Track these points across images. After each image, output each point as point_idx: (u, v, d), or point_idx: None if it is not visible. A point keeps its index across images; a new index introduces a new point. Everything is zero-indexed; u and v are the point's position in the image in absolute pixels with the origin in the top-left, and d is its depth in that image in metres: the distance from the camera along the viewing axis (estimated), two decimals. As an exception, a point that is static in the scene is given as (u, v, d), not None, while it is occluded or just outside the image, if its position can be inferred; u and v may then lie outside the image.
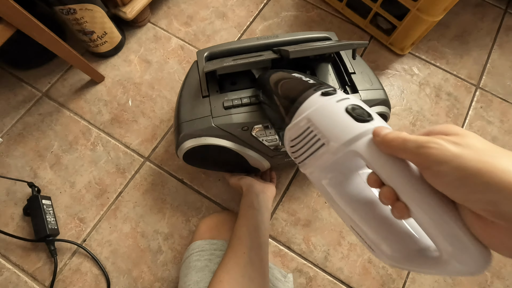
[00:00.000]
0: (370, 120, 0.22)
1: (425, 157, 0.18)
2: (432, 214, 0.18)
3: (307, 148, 0.25)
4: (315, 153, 0.24)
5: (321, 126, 0.24)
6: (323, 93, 0.27)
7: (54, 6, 0.57)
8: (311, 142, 0.25)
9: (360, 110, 0.23)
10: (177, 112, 0.46)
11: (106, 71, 0.72)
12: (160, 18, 0.78)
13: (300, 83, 0.32)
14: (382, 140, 0.20)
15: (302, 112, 0.27)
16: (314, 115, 0.25)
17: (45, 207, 0.58)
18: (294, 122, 0.27)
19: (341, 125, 0.23)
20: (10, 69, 0.71)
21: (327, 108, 0.25)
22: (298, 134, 0.26)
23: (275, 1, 0.82)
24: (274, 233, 0.61)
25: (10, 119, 0.66)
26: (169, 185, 0.63)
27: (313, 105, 0.26)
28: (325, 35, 0.51)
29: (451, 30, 0.81)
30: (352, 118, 0.23)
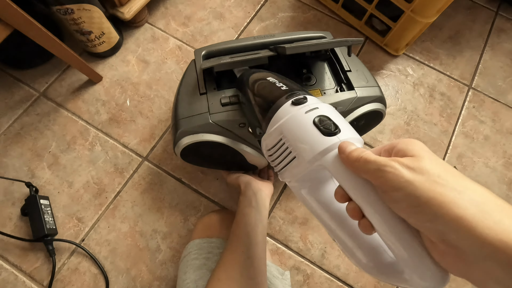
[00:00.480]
0: (337, 133, 0.23)
1: (383, 181, 0.18)
2: (394, 235, 0.19)
3: (281, 160, 0.25)
4: (288, 165, 0.25)
5: (292, 139, 0.24)
6: (293, 102, 0.27)
7: (52, 6, 0.57)
8: (285, 154, 0.25)
9: (327, 121, 0.23)
10: (175, 109, 0.46)
11: (104, 71, 0.72)
12: (158, 19, 0.78)
13: (273, 89, 0.31)
14: (346, 158, 0.21)
15: (275, 122, 0.27)
16: (285, 127, 0.25)
17: (43, 207, 0.58)
18: (269, 132, 0.27)
19: (309, 139, 0.23)
20: (7, 69, 0.70)
21: (296, 120, 0.25)
22: (273, 144, 0.26)
23: (272, 2, 0.83)
24: (271, 231, 0.62)
25: (7, 119, 0.66)
26: (168, 185, 0.64)
27: (285, 116, 0.26)
28: (321, 34, 0.52)
29: (444, 31, 0.83)
30: (319, 131, 0.23)
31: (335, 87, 0.49)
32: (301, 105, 0.26)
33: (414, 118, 0.73)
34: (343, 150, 0.21)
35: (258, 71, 0.39)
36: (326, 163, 0.22)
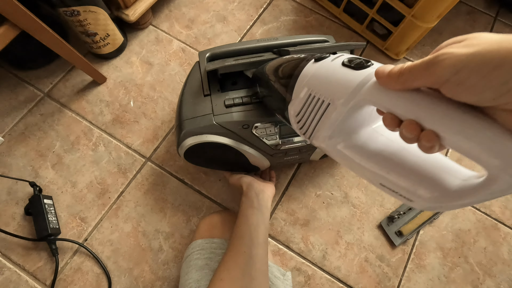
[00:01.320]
0: (370, 65, 0.22)
1: (440, 72, 0.16)
2: (466, 130, 0.16)
3: (314, 115, 0.24)
4: (323, 117, 0.23)
5: (322, 88, 0.23)
6: (316, 59, 0.26)
7: (58, 8, 0.58)
8: (316, 107, 0.24)
9: (357, 60, 0.23)
10: (179, 110, 0.47)
11: (108, 72, 0.73)
12: (162, 21, 0.79)
13: (292, 61, 0.31)
14: (388, 77, 0.19)
15: (300, 84, 0.26)
16: (313, 80, 0.25)
17: (46, 206, 0.58)
18: (296, 97, 0.27)
19: (342, 79, 0.22)
20: (12, 70, 0.71)
21: (323, 70, 0.24)
22: (302, 105, 0.26)
23: (275, 6, 0.84)
24: (273, 232, 0.63)
25: (11, 119, 0.67)
26: (170, 185, 0.64)
27: (309, 71, 0.26)
28: (323, 38, 0.53)
29: (444, 36, 0.84)
30: (351, 69, 0.22)
31: None
32: (324, 59, 0.25)
33: (414, 121, 0.74)
34: (382, 72, 0.19)
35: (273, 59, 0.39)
36: (366, 94, 0.20)
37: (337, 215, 0.64)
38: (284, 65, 0.33)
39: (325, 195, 0.66)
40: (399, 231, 0.62)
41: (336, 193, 0.66)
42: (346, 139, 0.23)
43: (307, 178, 0.67)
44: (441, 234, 0.64)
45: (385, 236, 0.63)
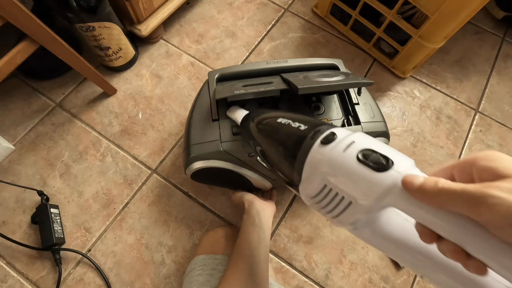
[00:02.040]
0: (391, 165, 0.19)
1: (491, 217, 0.15)
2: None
3: (332, 207, 0.22)
4: (344, 212, 0.21)
5: (340, 185, 0.21)
6: (322, 141, 0.24)
7: (74, 23, 0.60)
8: (335, 201, 0.22)
9: (374, 155, 0.20)
10: (187, 134, 0.48)
11: (119, 84, 0.74)
12: (173, 35, 0.81)
13: (291, 132, 0.28)
14: (420, 193, 0.17)
15: (310, 168, 0.24)
16: (326, 172, 0.22)
17: (52, 215, 0.59)
18: (307, 180, 0.24)
19: (362, 181, 0.20)
20: (27, 79, 0.73)
21: (336, 162, 0.22)
22: (317, 192, 0.23)
23: (283, 23, 0.85)
24: (276, 249, 0.62)
25: (23, 128, 0.69)
26: (175, 198, 0.65)
27: (320, 159, 0.23)
28: (332, 62, 0.54)
29: (451, 55, 0.84)
30: (370, 169, 0.20)
31: (342, 117, 0.50)
32: (332, 142, 0.23)
33: (420, 140, 0.74)
34: (411, 185, 0.18)
35: (262, 116, 0.36)
36: (395, 203, 0.19)
37: (341, 233, 0.64)
38: (280, 135, 0.30)
39: (329, 213, 0.65)
40: (404, 252, 0.61)
41: (341, 211, 0.65)
42: (372, 227, 0.21)
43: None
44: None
45: (390, 256, 0.62)
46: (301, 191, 0.25)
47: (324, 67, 0.55)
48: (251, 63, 0.54)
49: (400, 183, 0.18)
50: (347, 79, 0.45)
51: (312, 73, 0.52)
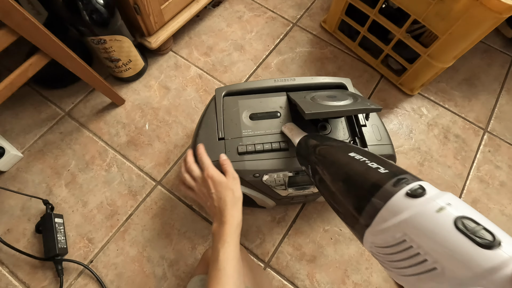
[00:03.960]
0: (497, 243, 0.17)
1: None
2: None
3: (406, 266, 0.20)
4: (421, 276, 0.19)
5: (427, 246, 0.19)
6: (408, 194, 0.21)
7: (87, 36, 0.61)
8: (413, 260, 0.19)
9: (477, 227, 0.18)
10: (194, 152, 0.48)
11: (127, 95, 0.75)
12: (182, 48, 0.82)
13: (368, 172, 0.25)
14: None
15: (388, 216, 0.21)
16: (411, 227, 0.20)
17: (57, 225, 0.59)
18: (379, 228, 0.22)
19: (459, 251, 0.17)
20: (38, 87, 0.75)
21: (427, 221, 0.19)
22: (389, 244, 0.21)
23: (291, 37, 0.86)
24: (278, 266, 0.61)
25: (32, 136, 0.70)
26: (178, 211, 0.65)
27: (402, 211, 0.21)
28: (340, 81, 0.54)
29: (460, 73, 0.84)
30: (472, 242, 0.17)
31: (349, 138, 0.50)
32: (421, 198, 0.21)
33: (428, 159, 0.73)
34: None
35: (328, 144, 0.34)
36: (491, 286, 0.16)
37: (345, 253, 0.63)
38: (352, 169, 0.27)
39: (333, 231, 0.64)
40: (409, 275, 0.60)
41: (345, 229, 0.64)
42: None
43: (315, 212, 0.66)
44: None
45: (395, 279, 0.61)
46: (366, 236, 0.23)
47: (332, 86, 0.55)
48: (258, 81, 0.54)
49: (509, 270, 0.16)
50: (355, 103, 0.45)
51: (320, 93, 0.52)
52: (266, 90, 0.54)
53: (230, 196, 0.41)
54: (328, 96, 0.50)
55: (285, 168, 0.47)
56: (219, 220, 0.40)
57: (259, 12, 0.89)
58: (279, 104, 0.53)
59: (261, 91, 0.54)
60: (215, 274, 0.37)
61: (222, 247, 0.38)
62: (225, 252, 0.38)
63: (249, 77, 0.80)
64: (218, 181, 0.41)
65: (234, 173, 0.43)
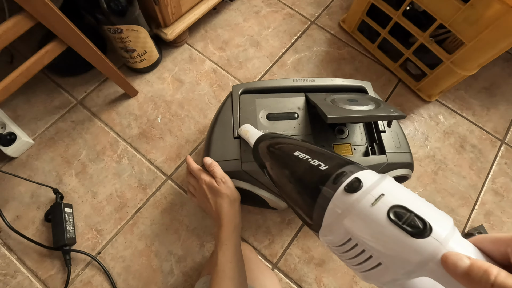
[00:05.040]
0: (428, 230, 0.17)
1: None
2: None
3: (359, 262, 0.20)
4: (372, 271, 0.20)
5: (368, 243, 0.19)
6: (346, 189, 0.21)
7: (103, 25, 0.60)
8: (361, 257, 0.20)
9: (408, 215, 0.18)
10: (208, 149, 0.47)
11: (140, 86, 0.74)
12: (197, 41, 0.81)
13: (310, 172, 0.26)
14: (465, 280, 0.15)
15: (332, 216, 0.22)
16: (351, 226, 0.20)
17: (66, 215, 0.59)
18: (328, 229, 0.22)
19: (394, 245, 0.18)
20: (51, 75, 0.74)
21: (364, 219, 0.20)
22: (339, 243, 0.21)
23: (308, 36, 0.84)
24: (286, 268, 0.61)
25: (44, 123, 0.69)
26: (188, 207, 0.64)
27: (343, 210, 0.21)
28: (361, 85, 0.52)
29: (480, 82, 0.82)
30: (404, 232, 0.18)
31: (366, 144, 0.49)
32: (358, 192, 0.21)
33: (442, 167, 0.72)
34: (454, 267, 0.15)
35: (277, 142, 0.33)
36: (432, 276, 0.17)
37: (354, 259, 0.62)
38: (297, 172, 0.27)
39: (343, 236, 0.64)
40: (418, 284, 0.59)
41: (355, 235, 0.64)
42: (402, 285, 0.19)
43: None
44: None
45: (403, 287, 0.60)
46: (321, 237, 0.23)
47: (352, 89, 0.54)
48: (276, 80, 0.53)
49: (439, 257, 0.16)
50: (378, 109, 0.44)
51: (340, 95, 0.50)
52: (284, 90, 0.52)
53: (225, 200, 0.42)
54: (349, 99, 0.48)
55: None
56: (218, 224, 0.42)
57: (277, 8, 0.87)
58: (297, 105, 0.51)
59: (279, 90, 0.53)
60: (216, 277, 0.38)
61: (221, 250, 0.39)
62: (224, 255, 0.39)
63: (264, 74, 0.79)
64: (211, 188, 0.42)
65: (223, 175, 0.43)
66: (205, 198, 0.43)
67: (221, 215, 0.41)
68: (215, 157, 0.45)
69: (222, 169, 0.44)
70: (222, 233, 0.40)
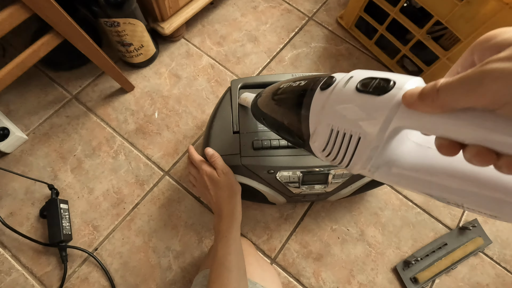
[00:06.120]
0: (392, 85, 0.18)
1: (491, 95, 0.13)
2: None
3: (345, 150, 0.21)
4: (357, 151, 0.20)
5: (344, 122, 0.20)
6: (322, 87, 0.23)
7: (99, 18, 0.59)
8: (345, 142, 0.21)
9: (373, 81, 0.19)
10: (206, 143, 0.47)
11: (137, 81, 0.73)
12: (194, 35, 0.80)
13: (293, 91, 0.28)
14: (421, 103, 0.15)
15: (314, 118, 0.23)
16: (328, 114, 0.21)
17: (62, 211, 0.58)
18: (315, 133, 0.23)
19: (364, 109, 0.19)
20: (45, 69, 0.72)
21: (337, 100, 0.21)
22: (326, 142, 0.22)
23: (306, 31, 0.84)
24: (284, 263, 0.61)
25: (38, 118, 0.68)
26: (186, 202, 0.64)
27: (321, 104, 0.22)
28: None
29: (475, 79, 0.83)
30: (371, 95, 0.18)
31: None
32: (332, 85, 0.22)
33: (438, 163, 0.73)
34: (411, 98, 0.16)
35: (266, 90, 0.35)
36: (402, 123, 0.17)
37: (351, 253, 0.63)
38: (284, 99, 0.29)
39: (341, 230, 0.64)
40: (414, 277, 0.60)
41: (352, 229, 0.64)
42: (389, 164, 0.20)
43: (324, 211, 0.65)
44: (457, 286, 0.61)
45: (399, 281, 0.61)
46: (312, 147, 0.24)
47: None
48: (275, 75, 0.53)
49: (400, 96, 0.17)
50: None
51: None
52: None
53: (226, 192, 0.41)
54: None
55: (300, 166, 0.46)
56: (218, 216, 0.41)
57: (274, 3, 0.87)
58: (297, 99, 0.51)
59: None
60: (215, 269, 0.38)
61: (220, 242, 0.39)
62: (224, 247, 0.39)
63: (262, 70, 0.78)
64: (212, 179, 0.42)
65: (225, 167, 0.43)
66: (205, 189, 0.43)
67: (221, 207, 0.41)
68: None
69: None
70: (222, 225, 0.40)
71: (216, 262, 0.38)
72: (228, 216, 0.41)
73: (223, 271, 0.37)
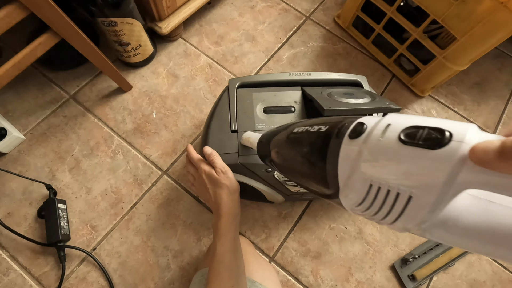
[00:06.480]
0: (448, 137, 0.15)
1: None
2: None
3: (388, 210, 0.18)
4: (405, 211, 0.17)
5: (388, 178, 0.17)
6: (351, 136, 0.20)
7: (97, 17, 0.59)
8: (389, 200, 0.17)
9: (420, 131, 0.16)
10: (205, 143, 0.47)
11: (134, 81, 0.73)
12: (192, 35, 0.80)
13: (312, 138, 0.24)
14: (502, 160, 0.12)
15: (345, 171, 0.20)
16: (365, 168, 0.18)
17: (60, 211, 0.58)
18: (346, 186, 0.20)
19: (415, 166, 0.16)
20: (42, 69, 0.72)
21: (376, 152, 0.18)
22: (362, 197, 0.19)
23: (304, 31, 0.84)
24: (283, 261, 0.61)
25: (35, 118, 0.67)
26: (184, 202, 0.64)
27: (353, 157, 0.19)
28: (356, 79, 0.53)
29: (471, 77, 0.83)
30: (422, 148, 0.15)
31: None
32: (364, 134, 0.19)
33: (435, 161, 0.73)
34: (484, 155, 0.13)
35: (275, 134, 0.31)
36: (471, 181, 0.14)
37: (350, 251, 0.63)
38: (299, 146, 0.26)
39: (339, 229, 0.64)
40: (412, 275, 0.61)
41: (351, 227, 0.65)
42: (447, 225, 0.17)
43: (322, 209, 0.65)
44: (455, 283, 0.62)
45: (397, 278, 0.61)
46: (343, 201, 0.21)
47: (347, 83, 0.54)
48: (273, 74, 0.53)
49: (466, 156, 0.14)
50: (374, 102, 0.44)
51: (336, 89, 0.51)
52: (281, 84, 0.53)
53: (225, 190, 0.41)
54: (345, 93, 0.49)
55: None
56: (216, 214, 0.41)
57: (272, 3, 0.87)
58: (294, 98, 0.52)
59: (276, 84, 0.53)
60: (214, 267, 0.38)
61: (219, 240, 0.39)
62: (222, 245, 0.39)
63: (260, 69, 0.79)
64: (211, 178, 0.42)
65: (223, 165, 0.42)
66: (204, 188, 0.43)
67: (220, 206, 0.41)
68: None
69: None
70: (221, 224, 0.40)
71: (215, 260, 0.38)
72: (226, 215, 0.41)
73: (222, 269, 0.37)
